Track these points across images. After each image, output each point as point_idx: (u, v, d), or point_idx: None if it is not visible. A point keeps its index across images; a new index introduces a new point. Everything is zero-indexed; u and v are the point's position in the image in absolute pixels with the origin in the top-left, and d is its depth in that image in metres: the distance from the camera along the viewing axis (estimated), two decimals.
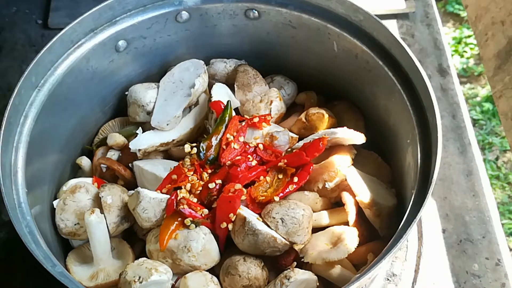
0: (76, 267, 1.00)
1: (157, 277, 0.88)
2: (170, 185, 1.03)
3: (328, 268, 0.96)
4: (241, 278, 0.93)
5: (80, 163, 1.19)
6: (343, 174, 1.04)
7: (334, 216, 1.04)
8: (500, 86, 1.38)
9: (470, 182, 1.33)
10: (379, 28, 1.05)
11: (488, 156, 2.36)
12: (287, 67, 1.28)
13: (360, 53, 1.10)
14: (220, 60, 1.27)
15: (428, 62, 1.58)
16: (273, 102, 1.18)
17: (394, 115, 1.10)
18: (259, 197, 1.01)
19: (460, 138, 1.41)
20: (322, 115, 1.14)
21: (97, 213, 0.96)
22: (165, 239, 0.94)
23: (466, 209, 1.29)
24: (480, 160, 1.37)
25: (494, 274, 1.19)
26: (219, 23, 1.21)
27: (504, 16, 1.37)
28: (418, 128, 0.98)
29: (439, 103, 1.46)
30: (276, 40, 1.23)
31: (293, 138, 1.12)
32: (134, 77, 1.24)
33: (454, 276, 1.19)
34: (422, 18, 1.69)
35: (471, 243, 1.24)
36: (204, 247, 0.95)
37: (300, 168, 1.05)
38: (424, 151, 0.95)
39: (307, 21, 1.14)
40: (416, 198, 0.90)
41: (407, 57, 1.01)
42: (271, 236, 0.94)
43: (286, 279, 0.89)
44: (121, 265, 0.99)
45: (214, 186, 1.01)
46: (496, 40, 1.40)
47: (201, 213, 0.98)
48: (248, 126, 1.11)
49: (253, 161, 1.06)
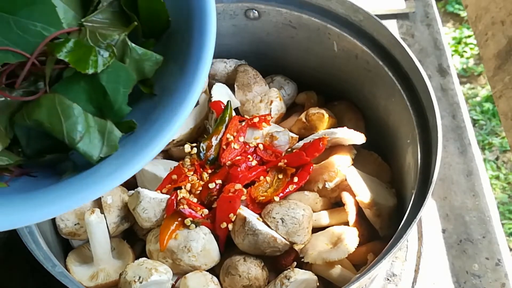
0: (76, 267, 1.00)
1: (157, 277, 0.88)
2: (170, 185, 1.03)
3: (328, 268, 0.96)
4: (241, 278, 0.93)
5: None
6: (343, 174, 1.04)
7: (334, 216, 1.04)
8: (500, 86, 1.38)
9: (470, 182, 1.33)
10: (379, 28, 1.05)
11: (488, 156, 2.36)
12: (287, 67, 1.28)
13: (360, 53, 1.10)
14: (220, 60, 1.27)
15: (428, 62, 1.58)
16: (273, 102, 1.18)
17: (394, 115, 1.10)
18: (259, 197, 1.01)
19: (460, 138, 1.41)
20: (322, 115, 1.14)
21: (97, 213, 0.96)
22: (165, 239, 0.94)
23: (466, 209, 1.29)
24: (480, 160, 1.37)
25: (494, 274, 1.19)
26: (219, 23, 1.19)
27: (504, 16, 1.37)
28: (418, 128, 0.98)
29: (439, 103, 1.46)
30: (276, 40, 1.23)
31: (293, 138, 1.12)
32: None
33: (454, 276, 1.19)
34: (422, 18, 1.69)
35: (471, 243, 1.24)
36: (204, 247, 0.95)
37: (300, 168, 1.05)
38: (424, 151, 0.95)
39: (307, 21, 1.14)
40: (416, 198, 0.90)
41: (407, 57, 1.01)
42: (271, 236, 0.94)
43: (286, 279, 0.89)
44: (121, 265, 0.99)
45: (214, 186, 1.01)
46: (496, 40, 1.41)
47: (201, 213, 0.98)
48: (248, 126, 1.11)
49: (253, 161, 1.06)
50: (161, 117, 0.71)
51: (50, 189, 0.67)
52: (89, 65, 0.69)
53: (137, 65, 0.76)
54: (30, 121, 0.68)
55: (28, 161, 0.74)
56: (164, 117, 0.71)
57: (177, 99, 0.72)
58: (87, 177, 0.68)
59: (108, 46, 0.73)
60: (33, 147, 0.73)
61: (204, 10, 0.77)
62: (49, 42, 0.69)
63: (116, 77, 0.72)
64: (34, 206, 0.63)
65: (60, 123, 0.67)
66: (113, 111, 0.72)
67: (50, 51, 0.69)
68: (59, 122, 0.67)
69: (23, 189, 0.69)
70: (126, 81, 0.73)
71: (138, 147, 0.68)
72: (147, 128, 0.71)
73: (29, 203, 0.64)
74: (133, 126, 0.74)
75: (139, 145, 0.69)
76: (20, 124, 0.70)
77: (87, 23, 0.75)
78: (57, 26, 0.70)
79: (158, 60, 0.77)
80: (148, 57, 0.77)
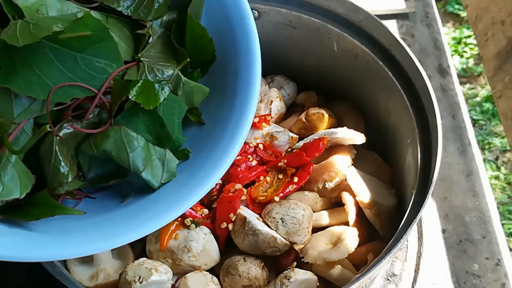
0: (76, 267, 0.99)
1: (157, 277, 0.88)
2: None
3: (328, 268, 0.96)
4: (241, 278, 0.93)
5: None
6: (343, 174, 1.04)
7: (334, 216, 1.04)
8: (500, 86, 1.38)
9: (470, 182, 1.33)
10: (379, 28, 1.05)
11: (488, 156, 2.36)
12: (287, 67, 1.28)
13: (360, 53, 1.10)
14: None
15: (428, 62, 1.58)
16: (273, 102, 1.18)
17: (394, 115, 1.10)
18: (259, 197, 1.01)
19: (460, 138, 1.41)
20: (322, 115, 1.14)
21: None
22: (165, 239, 0.94)
23: (466, 209, 1.29)
24: (480, 160, 1.37)
25: (494, 274, 1.19)
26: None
27: (504, 16, 1.37)
28: (418, 128, 0.98)
29: (439, 103, 1.46)
30: (276, 40, 1.22)
31: (293, 138, 1.12)
32: None
33: (454, 276, 1.19)
34: (422, 18, 1.69)
35: (471, 243, 1.24)
36: (204, 247, 0.95)
37: (300, 168, 1.05)
38: (424, 151, 0.95)
39: (307, 21, 1.14)
40: (416, 198, 0.90)
41: (407, 57, 1.01)
42: (271, 236, 0.94)
43: (286, 279, 0.89)
44: (121, 265, 0.99)
45: (214, 186, 1.01)
46: (496, 40, 1.41)
47: (201, 213, 0.98)
48: None
49: (253, 161, 1.06)
50: (216, 149, 0.78)
51: (116, 215, 0.74)
52: (153, 102, 0.75)
53: (188, 96, 0.82)
54: (98, 151, 0.73)
55: (90, 185, 0.79)
56: (219, 148, 0.77)
57: (231, 129, 0.78)
58: (150, 207, 0.74)
59: (165, 81, 0.78)
60: (95, 173, 0.79)
61: (250, 45, 0.83)
62: (116, 79, 0.74)
63: (171, 108, 0.78)
64: (105, 236, 0.69)
65: (126, 153, 0.73)
66: (171, 141, 0.79)
67: (119, 89, 0.74)
68: (125, 152, 0.73)
69: (87, 212, 0.75)
70: (179, 112, 0.80)
71: (197, 178, 0.75)
72: (204, 156, 0.78)
73: (100, 232, 0.70)
74: (187, 154, 0.80)
75: (198, 176, 0.75)
76: (86, 153, 0.75)
77: (144, 58, 0.80)
78: (118, 63, 0.74)
79: (206, 91, 0.84)
80: (197, 89, 0.83)
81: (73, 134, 0.73)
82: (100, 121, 0.76)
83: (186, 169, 0.79)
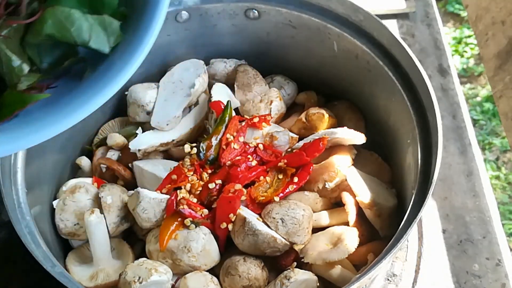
0: (76, 267, 0.99)
1: (157, 277, 0.88)
2: (170, 185, 1.03)
3: (328, 268, 0.96)
4: (241, 278, 0.92)
5: (80, 163, 1.19)
6: (343, 174, 1.04)
7: (334, 216, 1.04)
8: (501, 86, 1.38)
9: (471, 183, 1.33)
10: (379, 28, 1.05)
11: (489, 156, 2.36)
12: (287, 67, 1.28)
13: (360, 53, 1.10)
14: (220, 60, 1.27)
15: (428, 62, 1.58)
16: (273, 102, 1.18)
17: (394, 115, 1.10)
18: (259, 197, 1.00)
19: (461, 138, 1.41)
20: (322, 115, 1.14)
21: (96, 213, 0.96)
22: (165, 239, 0.94)
23: (467, 210, 1.29)
24: (480, 160, 1.37)
25: (495, 275, 1.19)
26: (219, 23, 1.21)
27: (505, 16, 1.37)
28: (418, 128, 0.98)
29: (440, 103, 1.45)
30: (276, 40, 1.22)
31: (293, 138, 1.12)
32: (133, 77, 1.22)
33: (454, 276, 1.19)
34: (422, 18, 1.69)
35: (472, 244, 1.23)
36: (204, 247, 0.95)
37: (300, 168, 1.05)
38: (424, 151, 0.95)
39: (307, 21, 1.14)
40: (416, 198, 0.90)
41: (407, 57, 1.01)
42: (271, 236, 0.94)
43: (286, 279, 0.89)
44: (121, 265, 0.99)
45: (214, 186, 1.01)
46: (497, 40, 1.40)
47: (201, 213, 0.98)
48: (248, 126, 1.11)
49: (253, 161, 1.06)
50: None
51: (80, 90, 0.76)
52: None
53: None
54: (42, 37, 0.75)
55: (47, 75, 0.81)
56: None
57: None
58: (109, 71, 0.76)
59: None
60: (47, 62, 0.80)
61: None
62: None
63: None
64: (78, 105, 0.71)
65: (68, 30, 0.75)
66: (105, 6, 0.79)
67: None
68: (67, 29, 0.75)
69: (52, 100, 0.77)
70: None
71: (138, 37, 0.76)
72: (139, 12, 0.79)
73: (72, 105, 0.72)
74: (125, 14, 0.81)
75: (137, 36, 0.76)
76: (32, 43, 0.76)
77: None
78: None
79: None
80: None
81: (13, 30, 0.75)
82: (33, 11, 0.77)
83: (128, 29, 0.80)
